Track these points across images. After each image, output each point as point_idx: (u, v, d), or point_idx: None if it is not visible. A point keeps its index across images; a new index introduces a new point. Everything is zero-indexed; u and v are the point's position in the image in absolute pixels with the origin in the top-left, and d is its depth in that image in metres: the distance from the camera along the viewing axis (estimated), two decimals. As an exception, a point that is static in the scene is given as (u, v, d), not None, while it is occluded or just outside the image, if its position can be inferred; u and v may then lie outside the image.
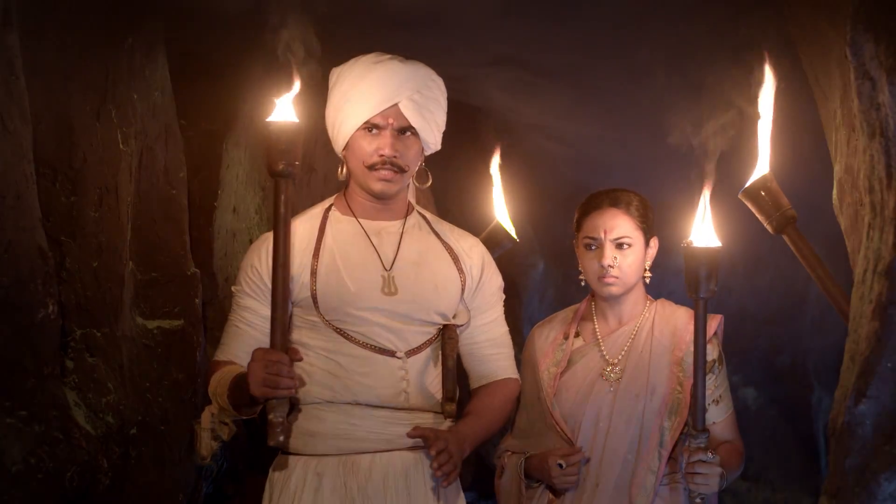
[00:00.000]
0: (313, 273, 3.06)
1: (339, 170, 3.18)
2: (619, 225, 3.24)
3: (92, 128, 3.02)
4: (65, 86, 2.93)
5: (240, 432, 3.15)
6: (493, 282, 3.30)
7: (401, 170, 3.09)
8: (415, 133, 3.11)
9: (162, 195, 3.41)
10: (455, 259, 3.23)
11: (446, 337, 3.17)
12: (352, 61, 3.14)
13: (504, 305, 3.31)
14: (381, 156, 3.06)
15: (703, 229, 3.00)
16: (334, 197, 3.23)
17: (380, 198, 3.14)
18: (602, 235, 3.24)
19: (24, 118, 2.65)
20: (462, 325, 3.21)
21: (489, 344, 3.28)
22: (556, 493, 3.24)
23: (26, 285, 2.61)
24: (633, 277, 3.26)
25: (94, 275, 2.99)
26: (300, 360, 2.90)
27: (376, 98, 3.06)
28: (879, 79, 2.71)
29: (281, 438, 2.86)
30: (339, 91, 3.10)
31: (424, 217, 3.28)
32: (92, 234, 3.00)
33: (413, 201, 3.32)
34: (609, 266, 3.22)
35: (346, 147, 3.11)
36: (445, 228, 3.30)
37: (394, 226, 3.20)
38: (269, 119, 2.87)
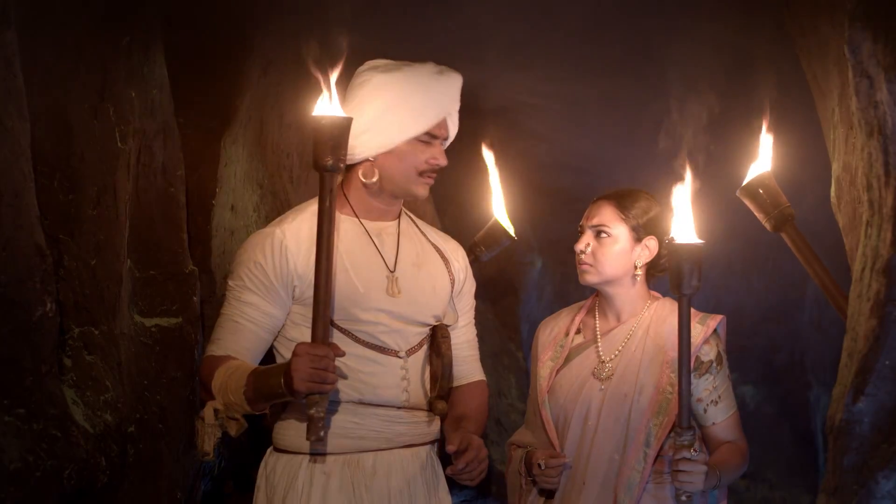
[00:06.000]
0: None
1: (366, 172, 3.15)
2: (599, 214, 3.28)
3: (90, 126, 3.01)
4: (62, 84, 2.92)
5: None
6: (473, 285, 3.40)
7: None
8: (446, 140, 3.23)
9: (160, 193, 3.40)
10: (445, 261, 3.28)
11: (440, 336, 3.20)
12: (403, 68, 3.15)
13: (502, 303, 3.35)
14: (435, 164, 3.15)
15: (685, 226, 3.00)
16: None
17: (414, 201, 3.23)
18: (585, 222, 3.29)
19: (22, 116, 2.65)
20: (450, 326, 3.26)
21: (467, 345, 3.35)
22: (543, 491, 3.26)
23: (24, 283, 2.61)
24: (610, 269, 3.27)
25: (92, 273, 2.99)
26: (343, 354, 2.91)
27: (438, 109, 3.14)
28: (877, 77, 2.71)
29: (322, 434, 2.87)
30: (390, 95, 3.09)
31: (411, 218, 3.31)
32: (90, 232, 2.99)
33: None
34: (580, 252, 3.27)
35: (387, 151, 3.12)
36: (430, 230, 3.36)
37: (391, 226, 3.22)
38: (317, 113, 2.88)
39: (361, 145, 3.09)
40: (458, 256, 3.36)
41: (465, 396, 3.31)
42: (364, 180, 3.14)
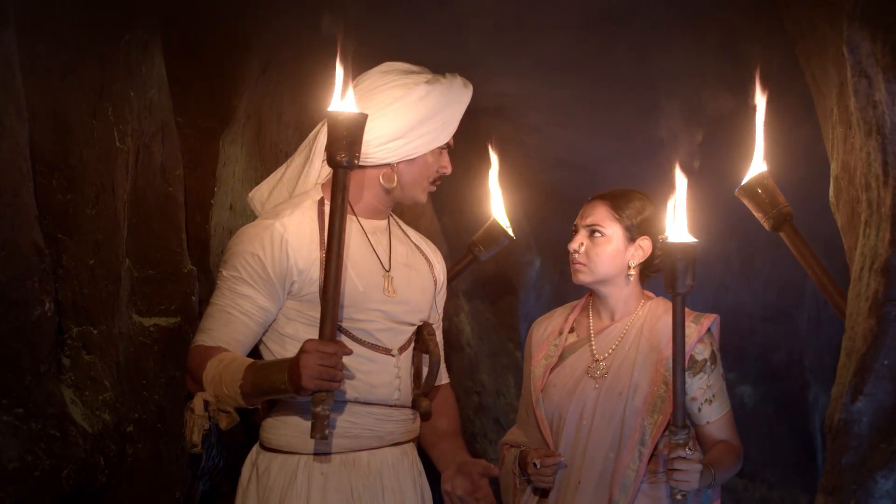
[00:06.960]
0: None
1: (388, 178, 3.16)
2: (593, 213, 3.30)
3: (88, 125, 3.01)
4: (61, 83, 2.92)
5: (237, 427, 3.15)
6: (447, 287, 3.42)
7: None
8: None
9: (158, 192, 3.40)
10: (428, 262, 3.31)
11: (426, 335, 3.22)
12: (442, 81, 3.17)
13: (500, 303, 3.37)
14: (444, 173, 3.20)
15: (678, 225, 3.01)
16: (319, 188, 3.21)
17: (415, 206, 3.25)
18: (579, 222, 3.31)
19: (21, 116, 2.65)
20: (434, 325, 3.28)
21: (439, 346, 3.36)
22: (537, 490, 3.27)
23: (23, 283, 2.61)
24: (604, 268, 3.28)
25: (90, 272, 2.99)
26: (350, 353, 2.91)
27: (457, 121, 3.19)
28: (876, 76, 2.71)
29: (326, 432, 2.87)
30: (429, 107, 3.11)
31: (394, 218, 3.33)
32: (89, 232, 2.99)
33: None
34: (574, 251, 3.28)
35: (410, 159, 3.14)
36: (410, 231, 3.37)
37: (383, 225, 3.24)
38: (333, 109, 2.88)
39: (388, 151, 3.10)
40: (438, 258, 3.39)
41: (444, 406, 3.34)
42: (385, 185, 3.15)
